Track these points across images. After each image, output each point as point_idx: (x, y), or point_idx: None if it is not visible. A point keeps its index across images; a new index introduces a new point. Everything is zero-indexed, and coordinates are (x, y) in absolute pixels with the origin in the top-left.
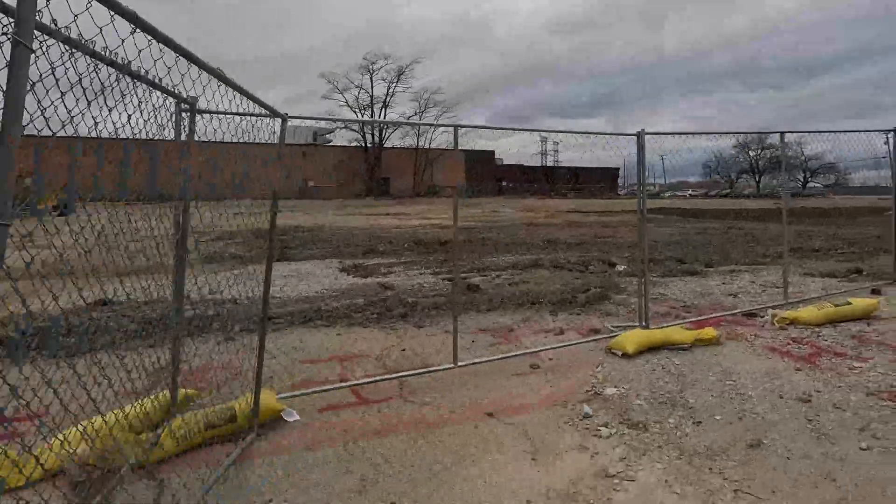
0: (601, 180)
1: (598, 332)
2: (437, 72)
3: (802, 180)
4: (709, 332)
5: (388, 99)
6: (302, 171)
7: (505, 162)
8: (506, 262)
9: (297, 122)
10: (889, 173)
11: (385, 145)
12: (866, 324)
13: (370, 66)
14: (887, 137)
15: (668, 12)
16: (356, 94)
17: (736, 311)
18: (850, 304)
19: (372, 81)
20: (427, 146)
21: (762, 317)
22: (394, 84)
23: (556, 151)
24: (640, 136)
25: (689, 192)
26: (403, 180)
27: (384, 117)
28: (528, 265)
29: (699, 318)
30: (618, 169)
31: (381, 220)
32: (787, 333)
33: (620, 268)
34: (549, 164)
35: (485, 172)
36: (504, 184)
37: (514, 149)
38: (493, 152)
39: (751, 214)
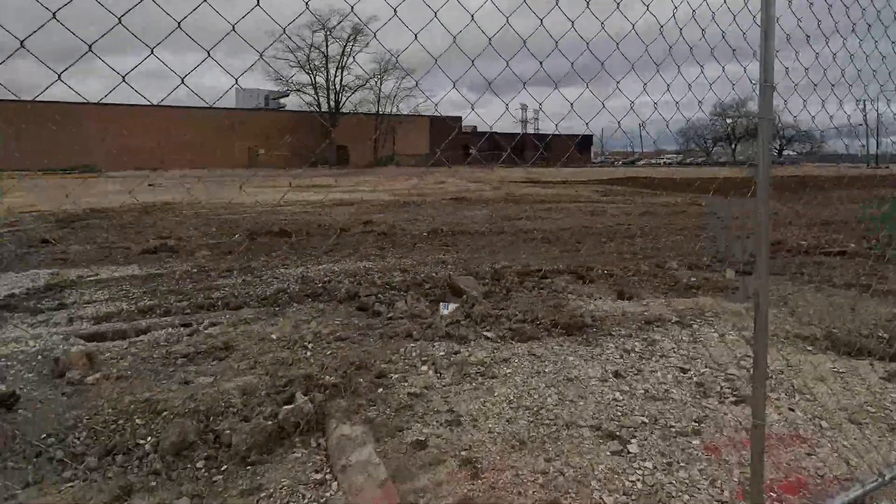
0: (575, 149)
1: None
2: (403, 38)
3: (778, 148)
4: None
5: (344, 60)
6: (241, 138)
7: (479, 130)
8: (274, 289)
9: (248, 84)
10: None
11: (342, 110)
12: None
13: (324, 23)
14: None
15: None
16: (307, 53)
17: None
18: None
19: (327, 39)
20: (390, 111)
21: None
22: (350, 43)
23: (537, 119)
24: None
25: (664, 160)
26: (363, 148)
27: (341, 80)
28: (289, 299)
29: None
30: (591, 136)
31: (296, 193)
32: None
33: (447, 309)
34: (531, 132)
35: (450, 140)
36: (471, 151)
37: (494, 118)
38: (459, 118)
39: (720, 186)
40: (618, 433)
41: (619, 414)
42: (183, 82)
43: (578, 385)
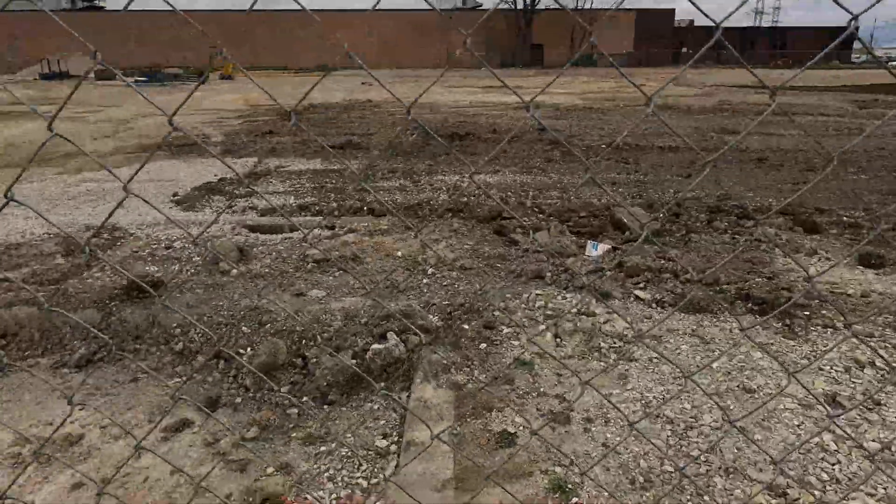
0: (819, 45)
1: None
2: None
3: None
4: None
5: None
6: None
7: (697, 24)
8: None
9: None
10: None
11: (538, 7)
12: None
13: None
14: None
15: None
16: None
17: None
18: None
19: None
20: (588, 6)
21: None
22: None
23: (777, 9)
24: None
25: None
26: (559, 48)
27: None
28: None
29: None
30: (846, 29)
31: (482, 95)
32: None
33: (596, 250)
34: (767, 25)
35: (660, 36)
36: (685, 50)
37: (717, 8)
38: (671, 11)
39: None
40: None
41: (825, 477)
42: None
43: (760, 403)
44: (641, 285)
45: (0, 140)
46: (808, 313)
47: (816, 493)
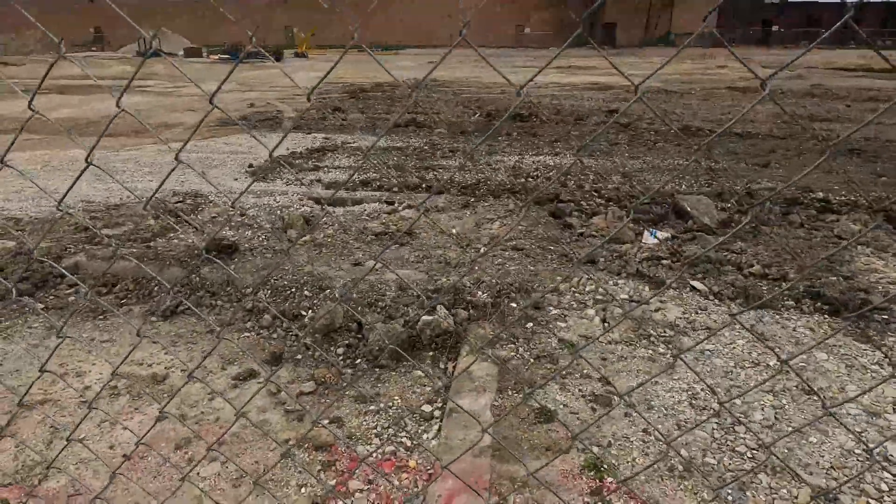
0: None
1: None
2: None
3: None
4: None
5: None
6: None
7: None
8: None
9: None
10: None
11: None
12: None
13: None
14: None
15: None
16: None
17: None
18: None
19: None
20: None
21: None
22: None
23: None
24: None
25: None
26: (634, 27)
27: None
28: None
29: None
30: None
31: (550, 75)
32: None
33: (654, 237)
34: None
35: (745, 13)
36: (775, 28)
37: None
38: None
39: None
40: None
41: (884, 487)
42: None
43: (820, 407)
44: (699, 275)
45: (109, 110)
46: (885, 317)
47: (872, 500)
